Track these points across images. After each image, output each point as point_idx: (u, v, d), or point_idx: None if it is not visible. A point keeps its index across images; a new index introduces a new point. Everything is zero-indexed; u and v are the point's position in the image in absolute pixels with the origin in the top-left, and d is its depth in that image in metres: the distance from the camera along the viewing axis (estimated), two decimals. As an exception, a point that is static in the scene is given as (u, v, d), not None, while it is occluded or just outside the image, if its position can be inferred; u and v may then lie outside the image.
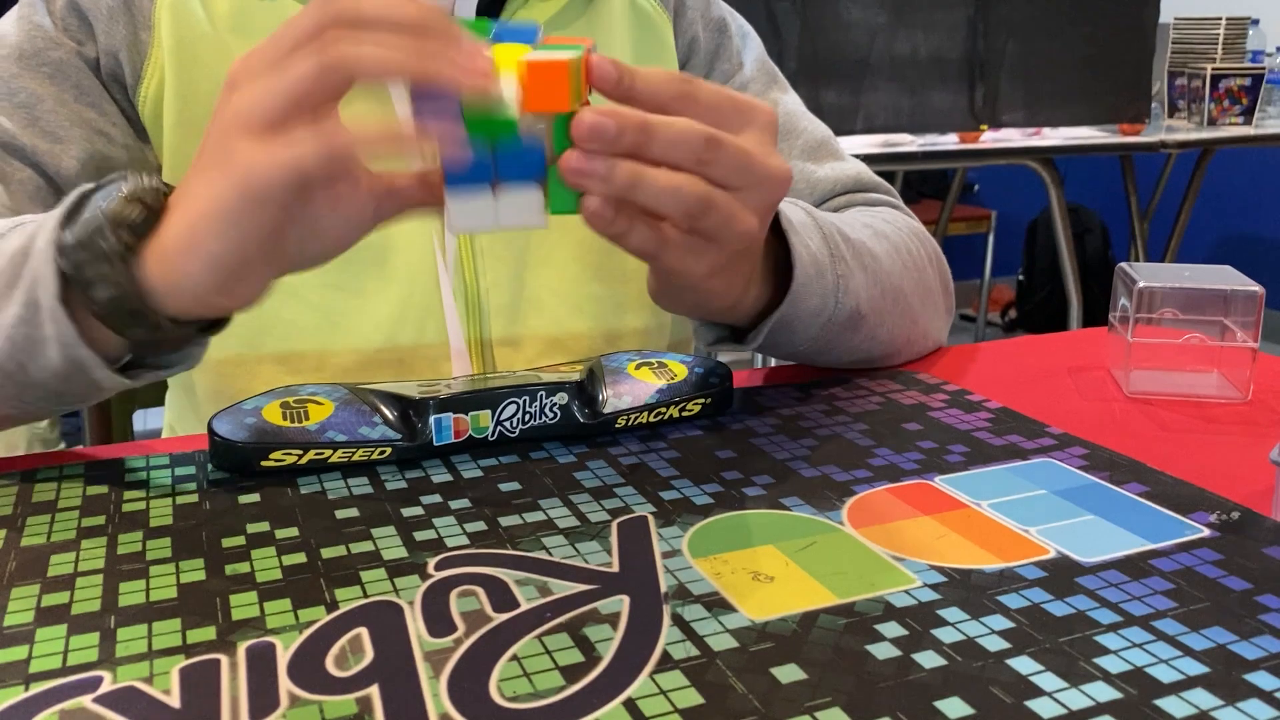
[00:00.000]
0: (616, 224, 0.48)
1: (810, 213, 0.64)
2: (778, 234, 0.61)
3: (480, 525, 0.49)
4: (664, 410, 0.61)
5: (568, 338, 0.74)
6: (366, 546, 0.47)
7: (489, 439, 0.57)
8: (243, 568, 0.45)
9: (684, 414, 0.62)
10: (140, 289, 0.48)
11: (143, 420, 1.05)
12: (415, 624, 0.40)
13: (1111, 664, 0.38)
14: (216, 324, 0.53)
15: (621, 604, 0.42)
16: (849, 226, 0.67)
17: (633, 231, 0.49)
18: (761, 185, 0.50)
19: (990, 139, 2.29)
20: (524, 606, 0.41)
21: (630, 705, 0.35)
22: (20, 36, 0.68)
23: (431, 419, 0.56)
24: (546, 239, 0.73)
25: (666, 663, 0.38)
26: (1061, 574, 0.44)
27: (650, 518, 0.49)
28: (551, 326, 0.73)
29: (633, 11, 0.78)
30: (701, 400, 0.62)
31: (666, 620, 0.40)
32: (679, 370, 0.63)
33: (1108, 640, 0.39)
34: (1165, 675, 0.37)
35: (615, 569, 0.44)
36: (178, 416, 0.80)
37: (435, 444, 0.56)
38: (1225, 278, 0.68)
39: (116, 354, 0.52)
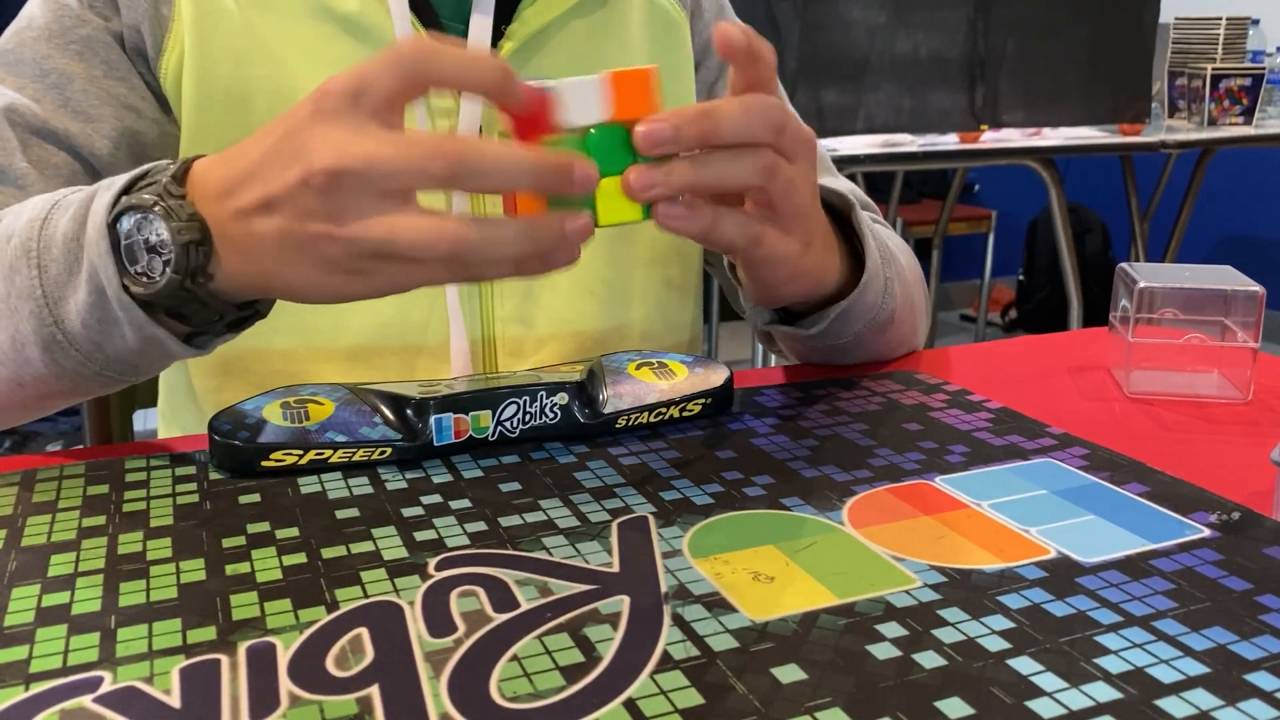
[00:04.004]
0: (699, 219, 0.49)
1: (860, 214, 0.66)
2: (838, 230, 0.63)
3: (481, 525, 0.49)
4: (664, 410, 0.61)
5: (577, 318, 0.74)
6: (367, 546, 0.47)
7: (489, 439, 0.57)
8: (243, 568, 0.45)
9: (684, 414, 0.62)
10: (203, 295, 0.50)
11: (143, 420, 1.05)
12: (415, 624, 0.40)
13: (1112, 664, 0.38)
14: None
15: (622, 604, 0.42)
16: (881, 235, 0.71)
17: (721, 221, 0.50)
18: (803, 145, 0.52)
19: (990, 139, 2.29)
20: (524, 606, 0.41)
21: (630, 705, 0.35)
22: (48, 17, 0.69)
23: (432, 419, 0.56)
24: None
25: (667, 663, 0.38)
26: (1062, 574, 0.44)
27: (650, 518, 0.49)
28: (563, 309, 0.73)
29: (650, 9, 0.78)
30: (701, 400, 0.62)
31: (667, 620, 0.40)
32: (679, 370, 0.63)
33: (1108, 640, 0.39)
34: (1165, 675, 0.37)
35: (615, 569, 0.44)
36: (172, 410, 0.80)
37: (435, 444, 0.56)
38: (1225, 278, 0.68)
39: (183, 329, 0.53)
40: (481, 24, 0.70)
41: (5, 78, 0.68)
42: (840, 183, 0.82)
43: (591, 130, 0.47)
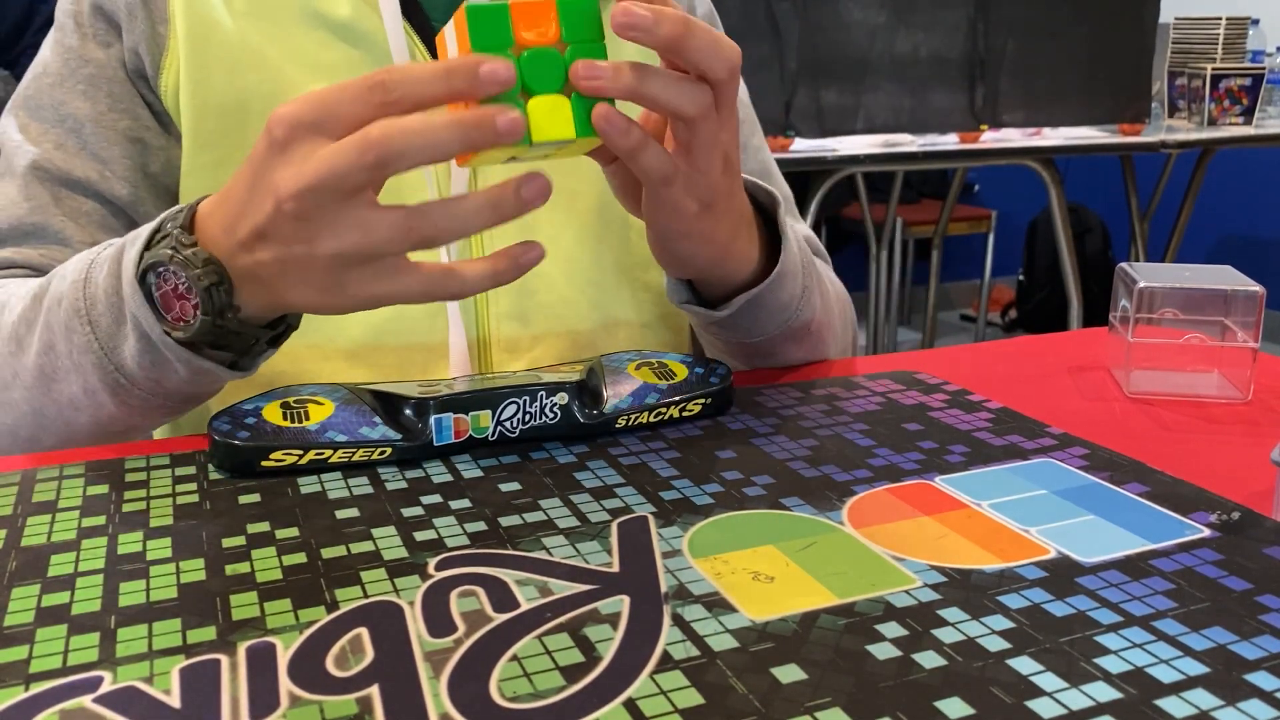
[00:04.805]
0: (631, 136, 0.51)
1: (794, 228, 0.69)
2: (767, 231, 0.65)
3: (480, 525, 0.49)
4: (664, 410, 0.61)
5: (572, 316, 0.74)
6: (367, 546, 0.47)
7: (489, 439, 0.57)
8: (243, 568, 0.45)
9: (684, 414, 0.62)
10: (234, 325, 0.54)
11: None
12: (415, 624, 0.40)
13: (1112, 664, 0.38)
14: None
15: (622, 604, 0.42)
16: (818, 266, 0.73)
17: (648, 148, 0.52)
18: (733, 113, 0.55)
19: (990, 139, 2.29)
20: (524, 606, 0.41)
21: (630, 705, 0.35)
22: (57, 62, 0.71)
23: (432, 419, 0.56)
24: (553, 217, 0.73)
25: (667, 663, 0.38)
26: (1062, 574, 0.44)
27: (650, 518, 0.49)
28: (558, 306, 0.74)
29: None
30: (701, 400, 0.62)
31: (667, 620, 0.40)
32: (679, 370, 0.63)
33: (1108, 640, 0.39)
34: (1165, 675, 0.37)
35: (615, 569, 0.44)
36: None
37: (435, 444, 0.56)
38: (1225, 278, 0.68)
39: (228, 356, 0.57)
40: None
41: (29, 124, 0.71)
42: (801, 227, 0.85)
43: (525, 52, 0.48)
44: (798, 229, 0.84)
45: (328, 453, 0.54)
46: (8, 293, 0.63)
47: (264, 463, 0.54)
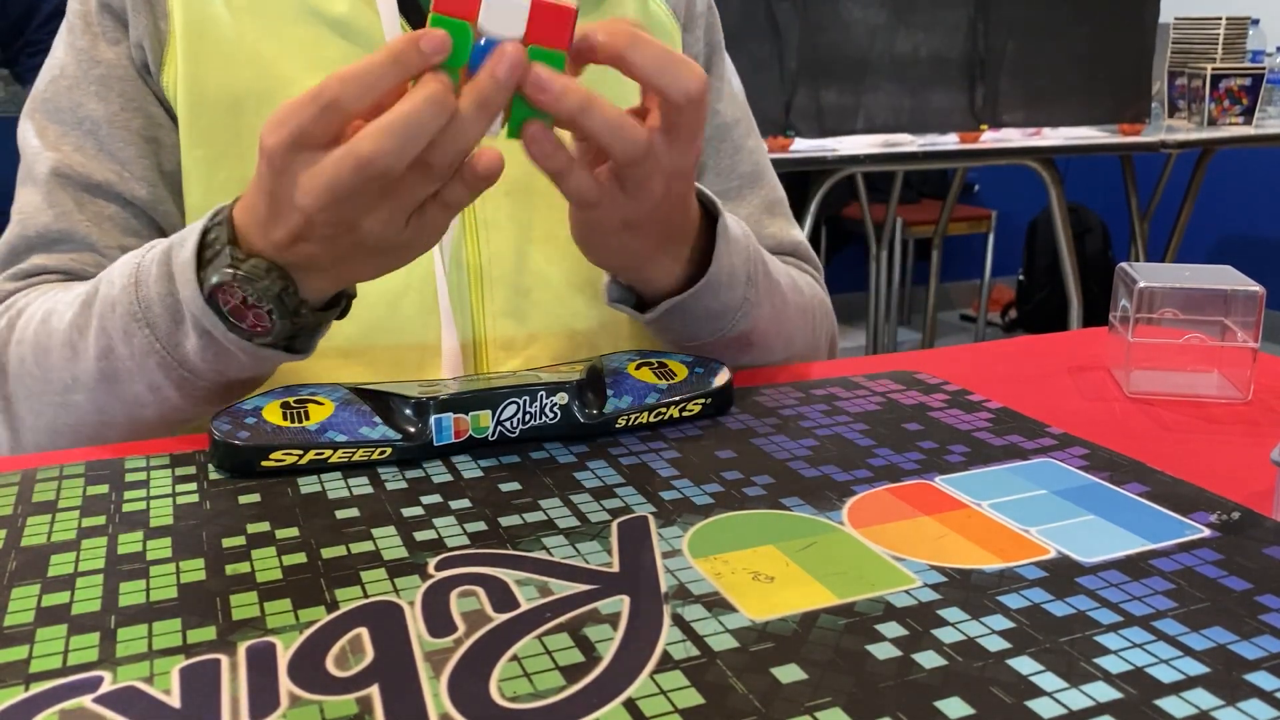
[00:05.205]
0: (555, 159, 0.53)
1: (749, 236, 0.68)
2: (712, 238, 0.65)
3: (480, 525, 0.49)
4: (664, 410, 0.61)
5: (569, 315, 0.74)
6: (367, 546, 0.47)
7: (489, 439, 0.57)
8: (243, 568, 0.45)
9: (684, 414, 0.62)
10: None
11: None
12: (415, 624, 0.40)
13: (1112, 664, 0.38)
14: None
15: (622, 604, 0.42)
16: (774, 266, 0.72)
17: (572, 175, 0.54)
18: (691, 141, 0.55)
19: (990, 139, 2.29)
20: (524, 606, 0.41)
21: (630, 705, 0.35)
22: (71, 63, 0.71)
23: (432, 419, 0.56)
24: (550, 215, 0.73)
25: (667, 663, 0.38)
26: (1062, 574, 0.44)
27: (650, 518, 0.49)
28: (555, 305, 0.74)
29: (645, 15, 0.78)
30: (701, 400, 0.62)
31: (667, 620, 0.40)
32: (679, 370, 0.63)
33: (1108, 640, 0.39)
34: (1165, 675, 0.37)
35: (615, 569, 0.44)
36: None
37: (435, 444, 0.56)
38: (1225, 278, 0.68)
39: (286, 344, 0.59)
40: None
41: (47, 127, 0.71)
42: (795, 231, 0.85)
43: (482, 40, 0.49)
44: (791, 233, 0.84)
45: (328, 453, 0.54)
46: (53, 299, 0.64)
47: (264, 463, 0.54)
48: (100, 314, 0.59)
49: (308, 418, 0.55)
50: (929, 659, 0.38)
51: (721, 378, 0.63)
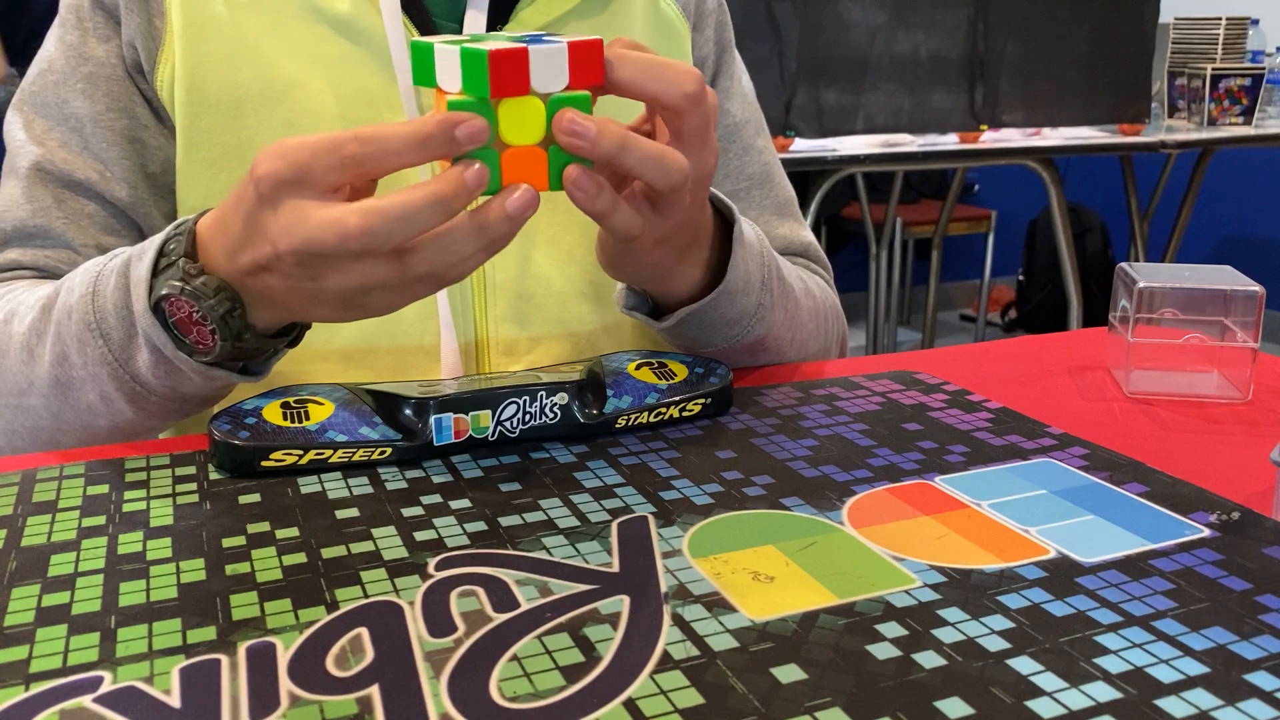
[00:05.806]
0: (600, 201, 0.51)
1: (762, 241, 0.68)
2: (728, 244, 0.65)
3: (480, 525, 0.49)
4: (664, 410, 0.61)
5: (571, 319, 0.74)
6: (367, 546, 0.47)
7: (489, 439, 0.57)
8: (243, 568, 0.45)
9: (684, 414, 0.62)
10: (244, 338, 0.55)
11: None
12: (415, 624, 0.40)
13: (1111, 664, 0.38)
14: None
15: (621, 604, 0.42)
16: (787, 270, 0.72)
17: (618, 212, 0.52)
18: (705, 161, 0.55)
19: (990, 139, 2.29)
20: (524, 606, 0.41)
21: (630, 705, 0.35)
22: (60, 59, 0.71)
23: (432, 419, 0.56)
24: (553, 219, 0.73)
25: (666, 663, 0.38)
26: (1061, 574, 0.44)
27: (650, 518, 0.49)
28: (557, 309, 0.74)
29: (654, 15, 0.78)
30: (701, 400, 0.62)
31: (666, 620, 0.40)
32: (679, 370, 0.63)
33: (1108, 640, 0.39)
34: (1165, 675, 0.37)
35: (615, 569, 0.44)
36: None
37: (435, 444, 0.56)
38: (1225, 278, 0.68)
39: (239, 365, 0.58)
40: (476, 24, 0.70)
41: (34, 120, 0.71)
42: (805, 233, 0.85)
43: (503, 101, 0.48)
44: (801, 234, 0.84)
45: (328, 453, 0.54)
46: (16, 301, 0.63)
47: (264, 463, 0.54)
48: (58, 320, 0.59)
49: (308, 418, 0.55)
50: (929, 659, 0.38)
51: (721, 378, 0.63)
